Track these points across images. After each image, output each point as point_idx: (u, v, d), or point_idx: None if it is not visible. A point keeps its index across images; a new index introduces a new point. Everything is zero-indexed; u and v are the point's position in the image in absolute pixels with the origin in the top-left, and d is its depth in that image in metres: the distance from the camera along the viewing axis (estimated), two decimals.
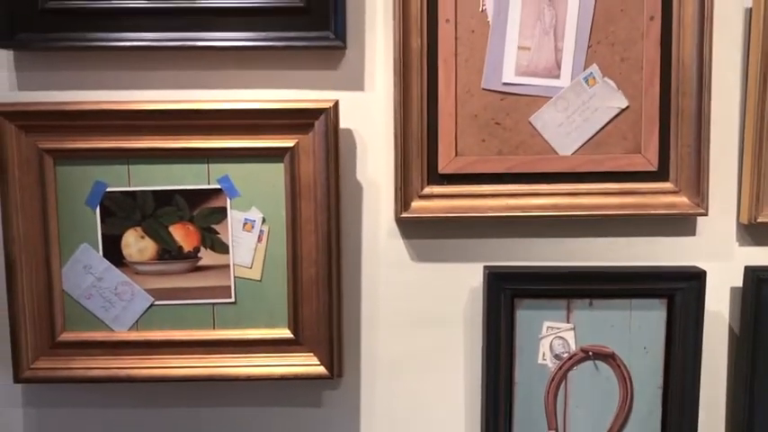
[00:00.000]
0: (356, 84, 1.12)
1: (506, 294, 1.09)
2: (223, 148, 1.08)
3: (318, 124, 1.07)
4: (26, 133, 1.07)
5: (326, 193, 1.08)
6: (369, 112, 1.13)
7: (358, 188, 1.14)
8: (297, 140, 1.08)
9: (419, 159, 1.11)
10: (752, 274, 1.10)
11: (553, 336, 1.12)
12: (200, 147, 1.08)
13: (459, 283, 1.15)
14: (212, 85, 1.11)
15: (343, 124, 1.11)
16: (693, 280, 1.09)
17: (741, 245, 1.15)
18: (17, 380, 1.11)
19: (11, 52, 1.10)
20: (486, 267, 1.12)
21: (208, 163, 1.09)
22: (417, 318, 1.16)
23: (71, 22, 1.08)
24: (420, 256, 1.15)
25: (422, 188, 1.12)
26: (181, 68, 1.11)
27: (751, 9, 1.10)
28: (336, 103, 1.08)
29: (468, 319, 1.16)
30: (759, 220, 1.11)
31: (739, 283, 1.14)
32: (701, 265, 1.13)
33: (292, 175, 1.09)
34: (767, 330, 1.10)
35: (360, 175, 1.14)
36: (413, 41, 1.09)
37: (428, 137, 1.11)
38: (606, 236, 1.14)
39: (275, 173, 1.09)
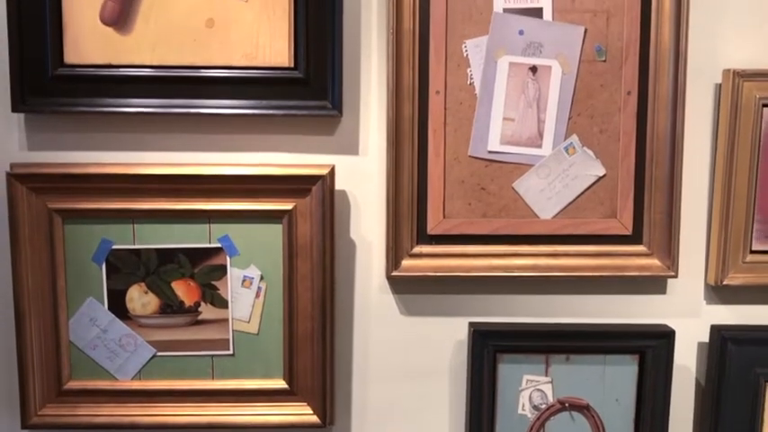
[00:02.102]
0: (351, 148, 1.19)
1: (489, 350, 1.17)
2: (224, 210, 1.14)
3: (315, 189, 1.14)
4: (36, 194, 1.13)
5: (322, 253, 1.15)
6: (363, 175, 1.19)
7: (351, 246, 1.21)
8: (295, 204, 1.14)
9: (409, 220, 1.18)
10: (717, 333, 1.18)
11: (532, 388, 1.20)
12: (202, 209, 1.14)
13: (446, 337, 1.22)
14: (215, 148, 1.17)
15: (338, 186, 1.17)
16: (663, 339, 1.17)
17: (708, 303, 1.23)
18: (24, 426, 1.17)
19: (22, 114, 1.16)
20: (471, 324, 1.19)
21: (209, 223, 1.15)
22: (405, 369, 1.23)
23: (80, 88, 1.13)
24: (409, 310, 1.22)
25: (412, 248, 1.19)
26: (185, 131, 1.17)
27: (720, 85, 1.18)
28: (332, 169, 1.14)
29: (454, 370, 1.23)
30: (725, 283, 1.19)
31: (706, 338, 1.22)
32: (671, 321, 1.21)
33: (290, 235, 1.15)
34: (731, 385, 1.19)
35: (353, 234, 1.20)
36: (405, 110, 1.16)
37: (418, 199, 1.18)
38: (583, 293, 1.22)
39: (274, 233, 1.15)
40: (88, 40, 1.13)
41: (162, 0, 1.12)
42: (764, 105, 1.15)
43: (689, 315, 1.23)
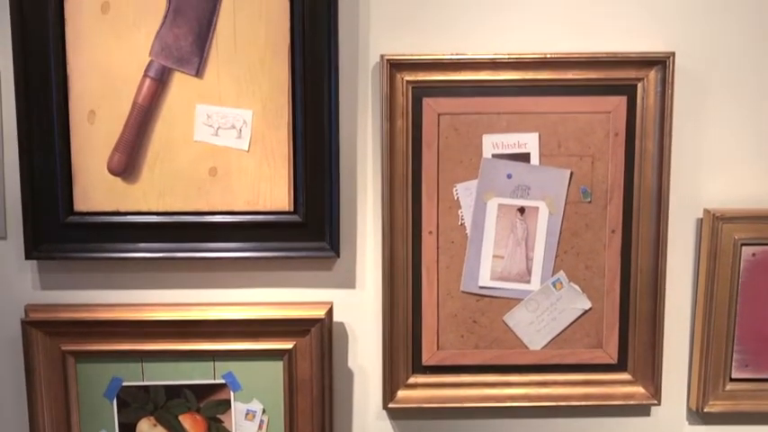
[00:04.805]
0: (348, 283, 1.24)
1: None
2: (228, 350, 1.20)
3: (314, 330, 1.19)
4: (50, 337, 1.19)
5: (321, 389, 1.20)
6: (360, 308, 1.25)
7: (350, 376, 1.26)
8: (295, 343, 1.20)
9: (405, 352, 1.24)
10: None
11: None
12: (207, 349, 1.20)
13: None
14: (218, 285, 1.23)
15: (336, 317, 1.23)
16: None
17: (690, 424, 1.29)
18: None
19: None
20: None
21: (214, 361, 1.21)
22: None
23: (89, 234, 1.19)
24: None
25: (407, 378, 1.24)
26: (190, 271, 1.22)
27: (701, 219, 1.23)
28: (331, 309, 1.20)
29: None
30: (705, 410, 1.24)
31: None
32: None
33: (290, 372, 1.21)
34: None
35: (351, 363, 1.26)
36: (399, 249, 1.21)
37: (413, 332, 1.24)
38: (570, 417, 1.28)
39: (275, 370, 1.21)
40: (97, 189, 1.19)
41: (166, 150, 1.18)
42: (743, 245, 1.20)
43: None
